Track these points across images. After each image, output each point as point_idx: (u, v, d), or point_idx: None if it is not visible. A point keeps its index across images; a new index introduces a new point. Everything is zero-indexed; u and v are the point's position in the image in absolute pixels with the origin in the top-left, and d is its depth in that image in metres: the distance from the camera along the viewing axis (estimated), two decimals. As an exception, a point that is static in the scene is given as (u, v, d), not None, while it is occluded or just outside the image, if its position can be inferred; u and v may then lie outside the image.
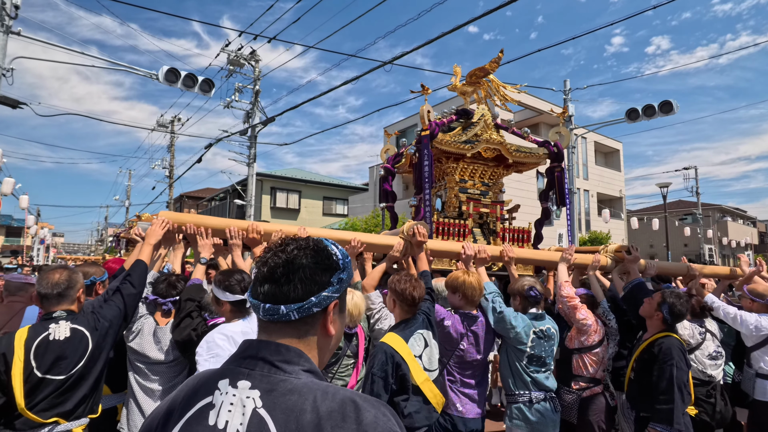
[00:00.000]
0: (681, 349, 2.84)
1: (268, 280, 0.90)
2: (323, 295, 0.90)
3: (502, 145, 4.34)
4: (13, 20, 7.60)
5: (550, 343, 2.95)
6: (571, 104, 13.09)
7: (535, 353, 2.88)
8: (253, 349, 0.90)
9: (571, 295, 3.18)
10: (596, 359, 3.15)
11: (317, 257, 0.92)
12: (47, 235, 27.24)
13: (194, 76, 8.57)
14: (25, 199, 17.21)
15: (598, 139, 27.42)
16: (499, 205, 4.58)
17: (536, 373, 2.89)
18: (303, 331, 0.91)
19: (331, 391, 0.82)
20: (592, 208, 26.34)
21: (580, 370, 3.17)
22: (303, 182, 26.05)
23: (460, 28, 7.07)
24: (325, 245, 0.96)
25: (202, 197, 35.14)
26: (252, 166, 14.40)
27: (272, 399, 0.81)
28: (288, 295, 0.89)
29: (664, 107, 10.50)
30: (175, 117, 22.59)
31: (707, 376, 3.41)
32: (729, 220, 38.38)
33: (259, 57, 14.51)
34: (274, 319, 0.90)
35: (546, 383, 2.90)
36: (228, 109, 14.41)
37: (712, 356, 3.45)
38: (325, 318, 0.93)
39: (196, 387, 0.89)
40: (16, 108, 8.12)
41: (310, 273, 0.90)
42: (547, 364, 2.94)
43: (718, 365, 3.45)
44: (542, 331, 2.92)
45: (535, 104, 24.72)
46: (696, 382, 3.28)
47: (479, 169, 4.56)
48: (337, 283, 0.93)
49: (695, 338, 3.48)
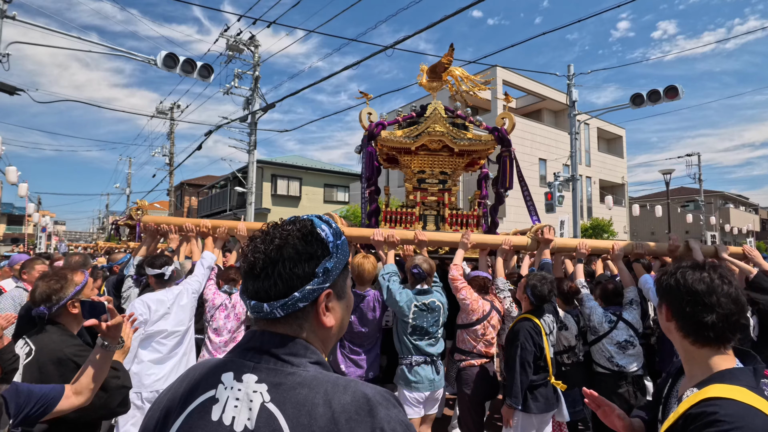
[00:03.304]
0: (530, 330, 3.05)
1: (249, 276, 0.85)
2: (307, 289, 0.84)
3: (444, 136, 4.59)
4: (7, 4, 7.47)
5: (434, 315, 3.31)
6: (574, 90, 12.94)
7: (417, 324, 3.27)
8: (256, 341, 0.85)
9: (456, 276, 3.47)
10: (474, 335, 3.46)
11: (302, 245, 0.85)
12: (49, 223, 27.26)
13: (193, 61, 8.45)
14: (24, 187, 17.12)
15: (601, 125, 27.22)
16: (447, 193, 4.85)
17: (418, 341, 3.28)
18: (296, 326, 0.86)
19: (342, 384, 0.80)
20: (595, 194, 26.26)
21: (462, 344, 3.52)
22: (304, 169, 25.96)
23: (463, 11, 6.92)
24: (313, 227, 0.88)
25: (202, 185, 35.06)
26: (252, 153, 14.32)
27: (281, 393, 0.78)
28: (269, 292, 0.83)
29: (669, 92, 10.36)
30: (174, 104, 22.41)
31: (616, 366, 3.31)
32: (731, 207, 38.29)
33: (258, 42, 14.33)
34: (260, 316, 0.85)
35: (427, 350, 3.28)
36: (228, 95, 14.28)
37: (622, 345, 3.32)
38: (316, 310, 0.87)
39: (197, 379, 0.85)
40: (14, 94, 8.03)
41: (290, 266, 0.83)
42: (430, 333, 3.30)
43: (629, 355, 3.32)
44: (425, 305, 3.29)
45: (538, 90, 24.49)
46: (605, 372, 3.34)
47: (436, 160, 4.85)
48: (323, 273, 0.85)
49: (603, 326, 3.39)
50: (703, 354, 1.22)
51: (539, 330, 3.08)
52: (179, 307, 3.19)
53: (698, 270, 1.27)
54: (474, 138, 4.63)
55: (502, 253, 3.86)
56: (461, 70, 4.92)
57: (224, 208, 26.68)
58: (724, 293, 1.21)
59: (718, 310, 1.19)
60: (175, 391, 0.87)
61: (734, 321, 1.20)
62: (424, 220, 4.80)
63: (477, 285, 3.61)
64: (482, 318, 3.44)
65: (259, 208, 22.94)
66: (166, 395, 0.88)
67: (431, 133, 4.55)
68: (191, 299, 3.31)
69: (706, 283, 1.22)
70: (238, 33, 13.84)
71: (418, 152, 4.78)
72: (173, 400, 0.85)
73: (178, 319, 3.16)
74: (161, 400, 0.88)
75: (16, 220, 43.09)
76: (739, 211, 39.76)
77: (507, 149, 4.72)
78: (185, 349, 3.25)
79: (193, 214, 34.04)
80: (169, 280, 3.30)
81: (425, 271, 3.38)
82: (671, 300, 1.29)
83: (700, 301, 1.21)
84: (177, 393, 0.86)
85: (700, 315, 1.21)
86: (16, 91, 7.96)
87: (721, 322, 1.19)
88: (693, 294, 1.23)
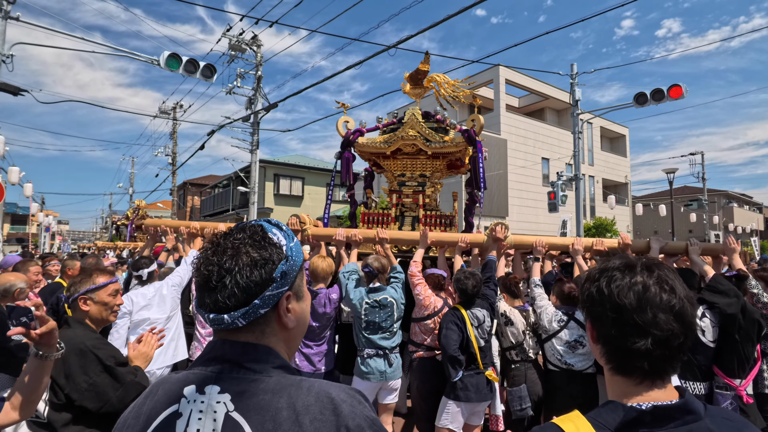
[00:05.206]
0: (451, 320, 3.29)
1: (205, 289, 0.83)
2: (267, 294, 0.83)
3: (417, 139, 4.77)
4: (11, 5, 7.50)
5: (386, 311, 3.50)
6: (577, 89, 12.90)
7: (369, 319, 3.47)
8: (217, 351, 0.84)
9: (413, 273, 3.66)
10: (425, 329, 3.62)
11: (255, 251, 0.83)
12: (52, 222, 27.36)
13: (196, 61, 8.46)
14: (29, 187, 17.19)
15: (605, 124, 27.14)
16: (421, 194, 5.03)
17: (371, 335, 3.48)
18: (258, 332, 0.85)
19: (305, 386, 0.80)
20: (597, 194, 26.19)
21: (415, 336, 3.69)
22: (306, 169, 25.98)
23: (467, 10, 6.90)
24: (264, 232, 0.87)
25: (205, 184, 35.12)
26: (255, 153, 14.34)
27: (245, 401, 0.78)
28: (227, 303, 0.81)
29: (673, 91, 10.32)
30: (177, 104, 22.46)
31: (565, 364, 3.33)
32: (735, 206, 38.12)
33: (260, 42, 14.34)
34: (222, 328, 0.83)
35: (380, 343, 3.48)
36: (230, 95, 14.30)
37: (571, 345, 3.33)
38: (278, 314, 0.86)
39: (160, 395, 0.84)
40: (17, 95, 8.06)
41: (247, 274, 0.81)
42: (383, 328, 3.49)
43: (579, 354, 3.32)
44: (377, 301, 3.50)
45: (541, 89, 24.44)
46: (555, 370, 3.40)
47: (417, 163, 5.06)
48: (282, 277, 0.84)
49: (552, 326, 3.42)
50: (631, 389, 0.88)
51: (463, 319, 3.28)
52: (160, 297, 3.69)
53: (628, 273, 0.90)
54: (447, 140, 4.77)
55: (459, 251, 3.95)
56: (443, 75, 5.10)
57: (227, 207, 26.72)
58: (663, 306, 0.85)
59: (655, 331, 0.84)
60: (139, 408, 0.85)
61: (677, 346, 0.85)
62: (401, 221, 5.01)
63: (432, 282, 3.81)
64: (433, 314, 3.60)
65: (262, 207, 22.98)
66: (130, 413, 0.86)
67: (405, 137, 4.78)
68: (171, 291, 3.77)
69: (636, 293, 0.87)
70: (240, 33, 13.86)
71: (397, 156, 5.03)
72: (137, 418, 0.83)
73: (159, 309, 3.65)
74: (126, 418, 0.86)
75: (20, 220, 43.29)
76: (743, 210, 39.59)
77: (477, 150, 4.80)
78: (172, 335, 3.70)
79: (196, 213, 34.11)
80: (147, 280, 3.92)
81: (376, 269, 3.63)
82: (594, 316, 0.93)
83: (628, 319, 0.86)
84: (141, 410, 0.84)
85: (628, 339, 0.86)
86: (20, 92, 7.98)
87: (659, 349, 0.85)
88: (618, 309, 0.88)
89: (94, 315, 2.18)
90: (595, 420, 0.84)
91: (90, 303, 2.17)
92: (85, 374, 1.94)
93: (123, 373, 2.00)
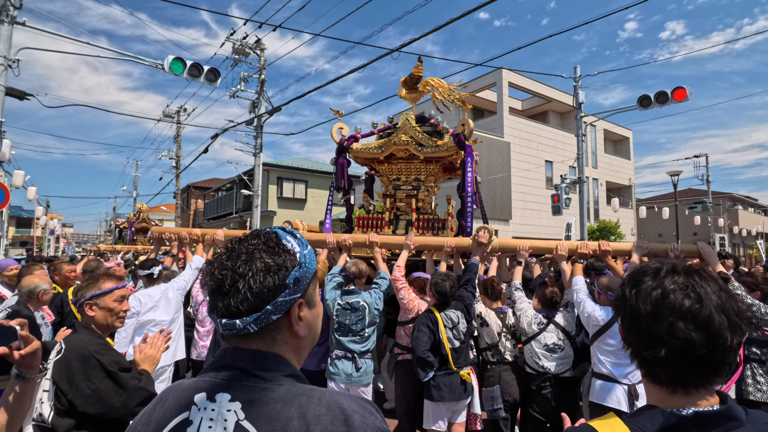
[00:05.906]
0: (424, 322, 3.31)
1: (218, 294, 0.83)
2: (279, 300, 0.83)
3: (408, 144, 4.81)
4: (17, 10, 7.55)
5: (357, 314, 3.51)
6: (581, 91, 12.87)
7: (340, 321, 3.51)
8: (228, 358, 0.84)
9: (396, 277, 3.69)
10: (409, 332, 3.63)
11: (269, 257, 0.84)
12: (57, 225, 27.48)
13: (200, 65, 8.50)
14: (32, 191, 17.25)
15: (608, 126, 27.07)
16: (414, 198, 5.05)
17: (342, 336, 3.51)
18: (269, 339, 0.85)
19: (316, 395, 0.79)
20: (601, 196, 26.09)
21: (400, 339, 3.75)
22: (310, 172, 26.00)
23: (470, 13, 6.91)
24: (279, 239, 0.88)
25: (209, 187, 35.23)
26: (258, 156, 14.38)
27: (255, 409, 0.77)
28: (239, 308, 0.81)
29: (677, 94, 10.28)
30: (181, 107, 22.56)
31: (541, 367, 3.37)
32: (740, 209, 37.90)
33: (264, 46, 14.40)
34: (233, 333, 0.83)
35: (349, 346, 3.49)
36: (234, 98, 14.36)
37: (550, 348, 3.38)
38: (289, 321, 0.86)
39: (170, 402, 0.84)
40: (23, 99, 8.11)
41: (260, 279, 0.81)
42: (353, 331, 3.50)
43: (557, 358, 3.35)
44: (349, 304, 3.53)
45: (545, 92, 24.40)
46: (532, 373, 3.44)
47: (411, 168, 5.10)
48: (294, 284, 0.84)
49: (531, 329, 3.45)
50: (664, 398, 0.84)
51: (436, 321, 3.30)
52: (166, 300, 3.76)
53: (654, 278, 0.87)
54: (440, 144, 4.79)
55: (446, 255, 3.94)
56: (437, 80, 5.15)
57: (230, 210, 26.77)
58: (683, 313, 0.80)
59: (672, 341, 0.80)
60: (149, 415, 0.85)
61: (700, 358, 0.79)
62: (396, 224, 5.08)
63: (417, 286, 3.88)
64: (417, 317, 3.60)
65: (265, 210, 23.00)
66: (140, 420, 0.86)
67: (397, 143, 4.84)
68: (176, 294, 3.85)
69: (653, 300, 0.83)
70: (244, 37, 13.92)
71: (392, 161, 5.13)
72: (147, 425, 0.83)
73: (165, 311, 3.73)
74: (136, 425, 0.86)
75: (25, 223, 43.51)
76: (748, 213, 39.35)
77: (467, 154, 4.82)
78: (173, 335, 3.72)
79: (200, 216, 34.20)
80: (157, 279, 3.99)
81: (353, 274, 3.72)
82: (621, 319, 0.92)
83: (642, 325, 0.84)
84: (151, 417, 0.84)
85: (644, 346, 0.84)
86: (26, 96, 8.04)
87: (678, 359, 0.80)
88: (635, 315, 0.85)
89: (99, 320, 2.15)
90: (633, 424, 0.82)
91: (95, 308, 2.14)
92: (87, 380, 1.91)
93: (126, 378, 1.97)
